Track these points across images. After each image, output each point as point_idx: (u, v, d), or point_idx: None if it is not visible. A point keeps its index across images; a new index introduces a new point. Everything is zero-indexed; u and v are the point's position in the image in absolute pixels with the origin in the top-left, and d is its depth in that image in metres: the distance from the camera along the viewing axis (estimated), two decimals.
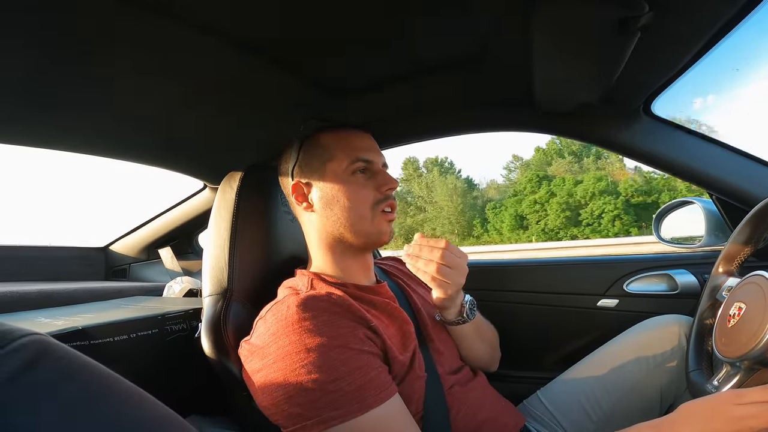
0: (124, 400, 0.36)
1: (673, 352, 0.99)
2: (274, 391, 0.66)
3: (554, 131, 1.20)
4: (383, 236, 0.86)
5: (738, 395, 0.60)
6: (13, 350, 0.33)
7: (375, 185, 0.85)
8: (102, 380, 0.36)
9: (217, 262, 0.90)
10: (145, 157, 1.31)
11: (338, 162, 0.84)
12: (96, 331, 0.82)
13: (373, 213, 0.84)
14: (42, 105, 0.89)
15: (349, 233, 0.84)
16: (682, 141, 1.11)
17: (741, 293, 0.79)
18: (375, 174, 0.86)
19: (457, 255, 0.84)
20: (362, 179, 0.85)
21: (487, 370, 1.02)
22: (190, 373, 0.98)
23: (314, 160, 0.86)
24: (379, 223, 0.85)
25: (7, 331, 0.34)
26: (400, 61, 0.92)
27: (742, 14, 0.72)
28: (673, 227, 1.38)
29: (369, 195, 0.84)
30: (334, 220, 0.84)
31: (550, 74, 0.90)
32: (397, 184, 0.86)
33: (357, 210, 0.83)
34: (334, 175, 0.84)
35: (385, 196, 0.85)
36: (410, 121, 1.25)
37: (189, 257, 1.83)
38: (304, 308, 0.69)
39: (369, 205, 0.84)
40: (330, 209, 0.84)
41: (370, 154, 0.86)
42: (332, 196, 0.84)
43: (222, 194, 0.95)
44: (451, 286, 0.83)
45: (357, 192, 0.84)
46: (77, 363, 0.36)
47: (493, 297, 1.42)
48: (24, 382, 0.32)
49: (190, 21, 0.70)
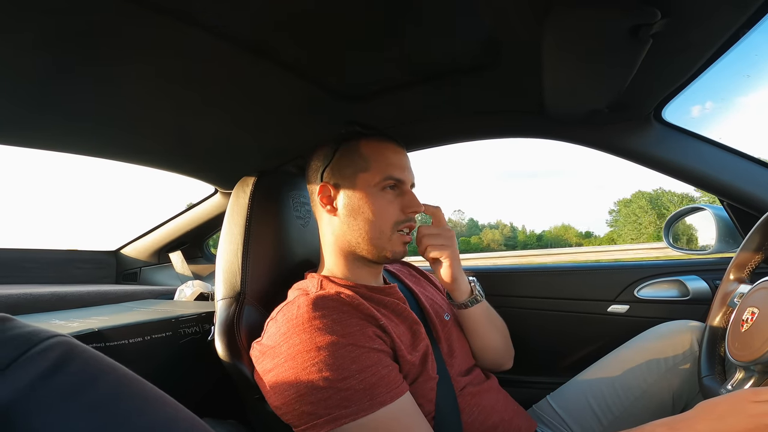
0: (150, 402, 0.36)
1: (684, 357, 0.98)
2: (285, 391, 0.66)
3: (564, 138, 1.20)
4: (396, 255, 0.86)
5: (755, 393, 0.61)
6: (40, 352, 0.33)
7: (401, 205, 0.85)
8: (127, 382, 0.36)
9: (230, 266, 0.91)
10: (159, 161, 1.32)
11: (372, 174, 0.84)
12: (112, 333, 0.83)
13: (392, 231, 0.85)
14: (57, 109, 0.91)
15: (365, 245, 0.84)
16: (693, 147, 1.11)
17: (753, 299, 0.79)
18: (403, 193, 0.87)
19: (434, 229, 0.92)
20: (390, 196, 0.85)
21: (502, 367, 1.01)
22: (201, 375, 0.99)
23: (348, 167, 0.86)
24: (396, 243, 0.85)
25: (34, 332, 0.34)
26: (411, 66, 0.92)
27: (753, 20, 0.72)
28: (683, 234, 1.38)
29: (393, 213, 0.85)
30: (355, 229, 0.85)
31: (560, 81, 0.90)
32: (422, 208, 0.88)
33: (378, 225, 0.84)
34: (365, 185, 0.84)
35: (408, 218, 0.86)
36: (419, 126, 1.25)
37: (199, 261, 1.84)
38: (314, 307, 0.70)
39: (391, 223, 0.84)
40: (353, 218, 0.85)
41: (403, 173, 0.86)
42: (358, 206, 0.84)
43: (235, 199, 0.96)
44: (444, 247, 0.90)
45: (383, 208, 0.84)
46: (103, 365, 0.36)
47: (504, 302, 1.42)
48: (51, 383, 0.32)
49: (203, 25, 0.70)
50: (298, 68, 0.88)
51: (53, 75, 0.78)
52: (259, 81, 0.91)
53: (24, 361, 0.32)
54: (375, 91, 1.02)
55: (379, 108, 1.10)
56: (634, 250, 13.78)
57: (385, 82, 0.99)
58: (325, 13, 0.71)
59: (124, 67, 0.79)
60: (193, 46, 0.75)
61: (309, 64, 0.87)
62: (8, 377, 0.31)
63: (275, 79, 0.90)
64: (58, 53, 0.72)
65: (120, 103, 0.92)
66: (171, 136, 1.13)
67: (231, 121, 1.07)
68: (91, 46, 0.71)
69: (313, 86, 0.95)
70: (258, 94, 0.96)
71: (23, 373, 0.31)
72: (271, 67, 0.85)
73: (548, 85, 0.93)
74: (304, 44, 0.79)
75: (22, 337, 0.34)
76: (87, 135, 1.07)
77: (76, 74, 0.79)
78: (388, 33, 0.79)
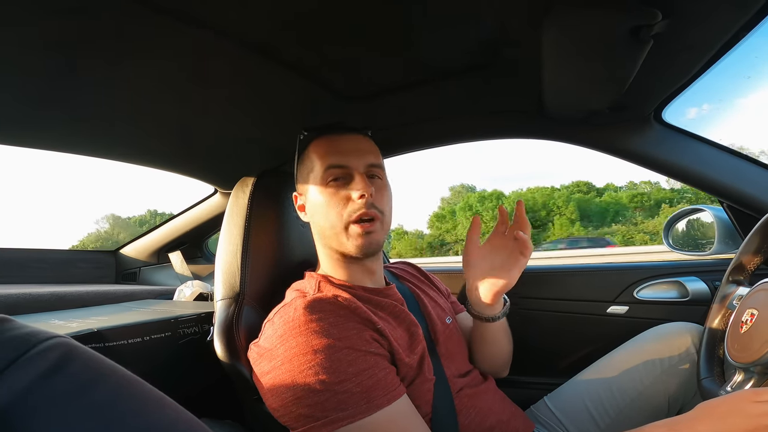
0: (150, 405, 0.36)
1: (681, 358, 0.99)
2: (283, 393, 0.67)
3: (563, 139, 1.20)
4: (358, 250, 0.81)
5: (755, 393, 0.61)
6: (39, 353, 0.33)
7: (346, 194, 0.81)
8: (126, 383, 0.36)
9: (229, 267, 0.91)
10: (160, 162, 1.32)
11: (316, 171, 0.84)
12: (111, 334, 0.83)
13: (344, 224, 0.81)
14: (59, 109, 0.91)
15: (330, 242, 0.84)
16: (694, 148, 1.11)
17: (753, 300, 0.79)
18: (349, 181, 0.82)
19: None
20: (334, 188, 0.82)
21: (500, 374, 1.01)
22: (200, 376, 0.99)
23: (303, 170, 0.88)
24: (353, 236, 0.81)
25: (32, 333, 0.34)
26: (413, 67, 0.92)
27: (755, 21, 0.71)
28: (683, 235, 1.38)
29: (336, 205, 0.81)
30: (318, 230, 0.86)
31: (561, 82, 0.90)
32: (369, 190, 0.79)
33: (330, 221, 0.82)
34: (315, 184, 0.84)
35: (357, 206, 0.80)
36: (420, 127, 1.25)
37: (198, 261, 1.84)
38: (311, 310, 0.70)
39: (337, 216, 0.81)
40: (314, 221, 0.86)
41: (346, 158, 0.82)
42: (312, 206, 0.85)
43: (235, 199, 0.96)
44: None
45: (326, 203, 0.82)
46: (103, 366, 0.36)
47: None
48: (51, 385, 0.32)
49: (206, 25, 0.70)
50: (301, 68, 0.88)
51: (58, 74, 0.78)
52: (263, 80, 0.91)
53: (23, 362, 0.32)
54: (375, 91, 1.01)
55: (382, 108, 1.10)
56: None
57: (386, 82, 0.98)
58: (328, 12, 0.70)
59: (127, 66, 0.79)
60: (198, 45, 0.75)
61: (312, 64, 0.87)
62: (7, 379, 0.31)
63: (278, 79, 0.90)
64: (63, 53, 0.71)
65: (123, 103, 0.92)
66: (173, 135, 1.13)
67: (233, 120, 1.07)
68: (94, 46, 0.71)
69: (315, 86, 0.95)
70: (261, 94, 0.96)
71: (22, 374, 0.31)
72: (274, 66, 0.85)
73: (548, 85, 0.93)
74: (308, 44, 0.79)
75: (21, 338, 0.33)
76: (89, 135, 1.07)
77: (81, 74, 0.79)
78: (390, 33, 0.79)
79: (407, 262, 1.15)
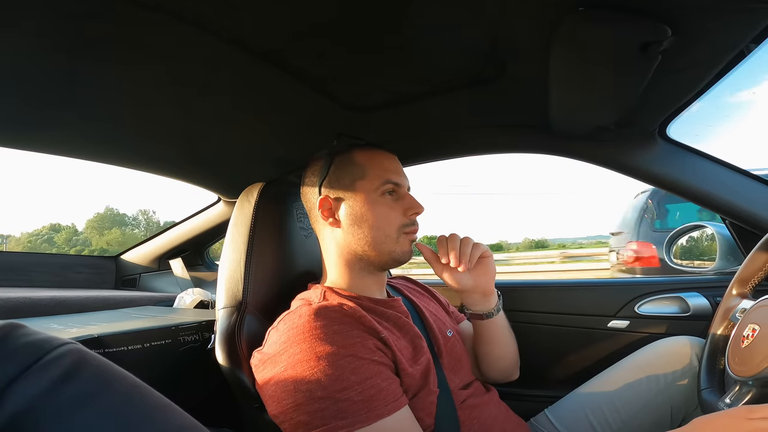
0: (159, 410, 0.37)
1: (683, 372, 0.98)
2: (284, 399, 0.67)
3: (568, 154, 1.20)
4: (405, 256, 0.87)
5: (750, 410, 0.60)
6: (53, 360, 0.33)
7: (402, 208, 0.86)
8: (136, 390, 0.37)
9: (232, 275, 0.90)
10: (166, 169, 1.33)
11: (369, 181, 0.85)
12: (111, 340, 0.83)
13: (398, 234, 0.85)
14: (65, 114, 0.91)
15: (373, 252, 0.85)
16: (697, 165, 1.11)
17: (755, 315, 0.79)
18: (402, 197, 0.87)
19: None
20: (390, 201, 0.86)
21: (511, 376, 1.02)
22: (200, 384, 0.99)
23: (346, 177, 0.86)
24: (403, 244, 0.86)
25: (46, 340, 0.34)
26: (418, 80, 0.93)
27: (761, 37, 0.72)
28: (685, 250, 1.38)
29: (396, 217, 0.85)
30: (360, 238, 0.85)
31: (567, 97, 0.91)
32: (422, 209, 0.88)
33: (384, 230, 0.84)
34: (365, 193, 0.85)
35: (411, 220, 0.87)
36: (424, 141, 1.26)
37: (199, 269, 1.84)
38: (315, 317, 0.70)
39: (396, 226, 0.85)
40: (357, 227, 0.85)
41: (399, 177, 0.88)
42: (361, 214, 0.84)
43: (240, 208, 0.96)
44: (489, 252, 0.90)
45: (385, 213, 0.85)
46: (113, 373, 0.36)
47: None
48: (63, 392, 0.32)
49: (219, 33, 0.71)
50: (309, 78, 0.88)
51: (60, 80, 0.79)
52: (271, 90, 0.91)
53: (37, 368, 0.32)
54: (381, 104, 1.02)
55: (387, 122, 1.11)
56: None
57: (393, 94, 0.99)
58: (336, 24, 0.71)
59: (136, 73, 0.79)
60: (208, 54, 0.76)
61: (320, 75, 0.88)
62: (21, 385, 0.31)
63: (287, 89, 0.91)
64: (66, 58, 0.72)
65: (131, 110, 0.93)
66: (180, 143, 1.13)
67: (240, 129, 1.07)
68: (101, 52, 0.72)
69: (323, 97, 0.96)
70: (268, 104, 0.97)
71: (36, 380, 0.31)
72: (282, 76, 0.86)
73: (555, 100, 0.93)
74: (317, 55, 0.80)
75: (35, 345, 0.34)
76: (94, 141, 1.07)
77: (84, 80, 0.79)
78: (397, 47, 0.79)
79: (405, 277, 1.16)
